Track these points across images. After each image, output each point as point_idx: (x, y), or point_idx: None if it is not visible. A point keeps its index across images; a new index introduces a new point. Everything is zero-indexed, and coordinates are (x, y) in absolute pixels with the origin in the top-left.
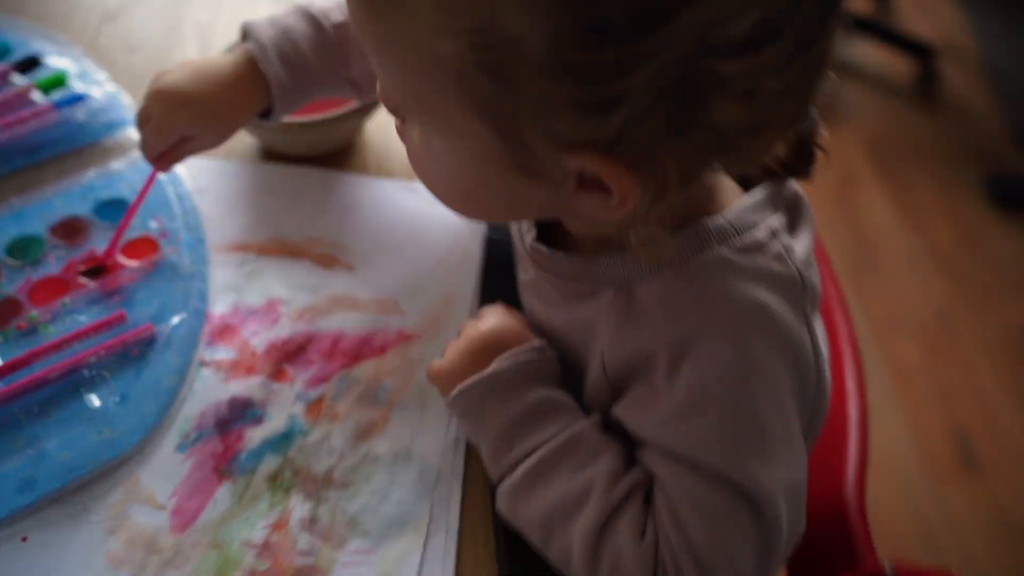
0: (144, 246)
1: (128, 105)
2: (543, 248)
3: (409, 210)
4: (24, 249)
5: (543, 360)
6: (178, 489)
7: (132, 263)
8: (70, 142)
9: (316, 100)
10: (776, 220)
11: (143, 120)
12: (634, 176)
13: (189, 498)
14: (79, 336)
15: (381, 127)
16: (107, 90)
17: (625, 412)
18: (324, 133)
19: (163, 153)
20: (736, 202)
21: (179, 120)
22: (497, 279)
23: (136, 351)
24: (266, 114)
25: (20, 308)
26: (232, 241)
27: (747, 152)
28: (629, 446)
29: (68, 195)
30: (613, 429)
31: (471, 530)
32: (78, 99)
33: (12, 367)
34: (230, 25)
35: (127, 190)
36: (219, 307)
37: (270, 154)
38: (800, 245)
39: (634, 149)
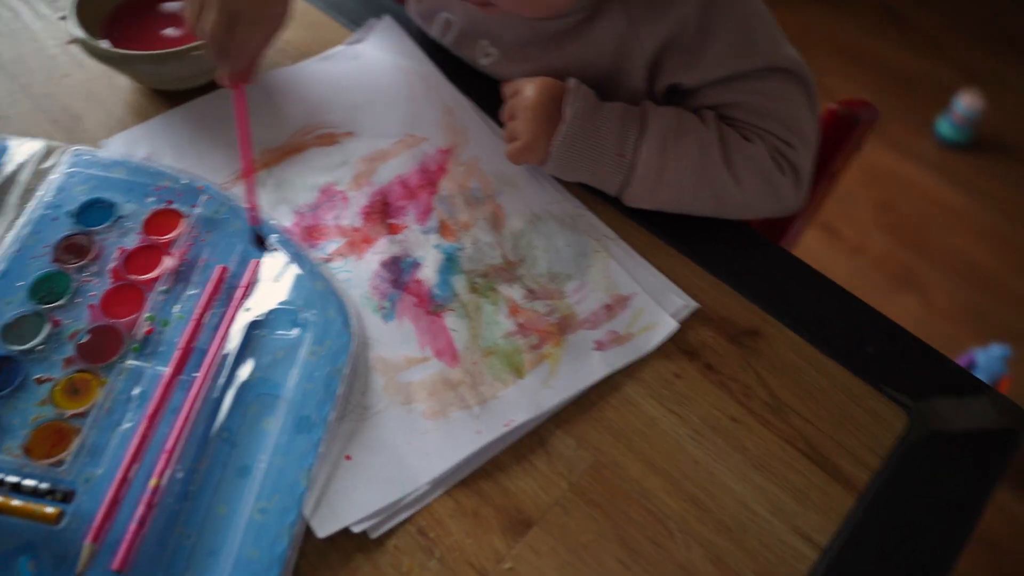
0: (167, 218)
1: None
2: None
3: (345, 71)
4: (52, 290)
5: (585, 87)
6: (422, 341)
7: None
8: None
9: None
10: None
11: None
12: None
13: (436, 340)
14: (205, 310)
15: None
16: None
17: (677, 75)
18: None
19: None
20: None
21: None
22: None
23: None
24: None
25: (115, 330)
26: (232, 173)
27: None
28: None
29: (38, 225)
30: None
31: (620, 229)
32: None
33: (178, 366)
34: None
35: (90, 191)
36: (284, 221)
37: (167, 96)
38: None
39: None
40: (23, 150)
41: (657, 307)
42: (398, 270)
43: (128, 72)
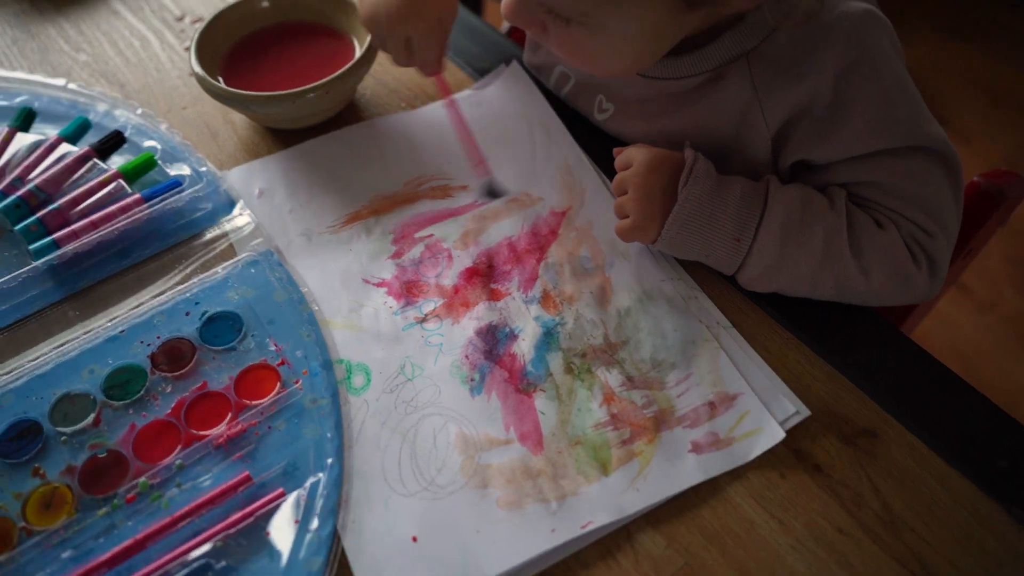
0: (263, 379)
1: (229, 189)
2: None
3: (467, 119)
4: (125, 385)
5: (704, 160)
6: (507, 421)
7: (253, 403)
8: (166, 238)
9: None
10: None
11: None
12: None
13: (522, 422)
14: (199, 509)
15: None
16: (201, 171)
17: (806, 150)
18: (335, 93)
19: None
20: None
21: (439, 25)
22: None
23: (268, 530)
24: None
25: (126, 466)
26: (341, 216)
27: None
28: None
29: (170, 311)
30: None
31: (734, 316)
32: (172, 186)
33: (125, 553)
34: None
35: (238, 300)
36: (384, 273)
37: (279, 134)
38: None
39: None
40: (237, 221)
41: (764, 411)
42: (493, 340)
43: (242, 110)
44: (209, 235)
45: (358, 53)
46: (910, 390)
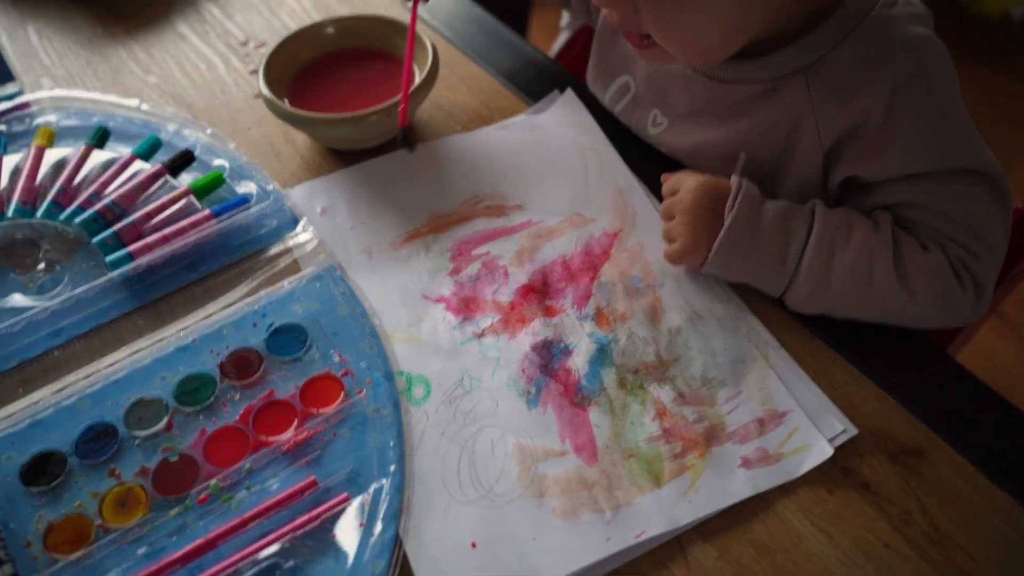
0: (328, 388)
1: (293, 206)
2: (723, 63)
3: (521, 142)
4: (195, 392)
5: (750, 186)
6: (562, 433)
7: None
8: (234, 253)
9: None
10: None
11: None
12: None
13: (577, 434)
14: (268, 511)
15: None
16: (268, 188)
17: (856, 167)
18: (395, 116)
19: None
20: None
21: None
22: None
23: (334, 532)
24: None
25: (197, 469)
26: (400, 234)
27: None
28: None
29: (238, 323)
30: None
31: (782, 336)
32: (239, 203)
33: (197, 551)
34: None
35: (302, 313)
36: (443, 289)
37: (339, 154)
38: None
39: None
40: (301, 237)
41: (813, 428)
42: (549, 355)
43: (307, 131)
44: (274, 250)
45: (418, 78)
46: (956, 411)
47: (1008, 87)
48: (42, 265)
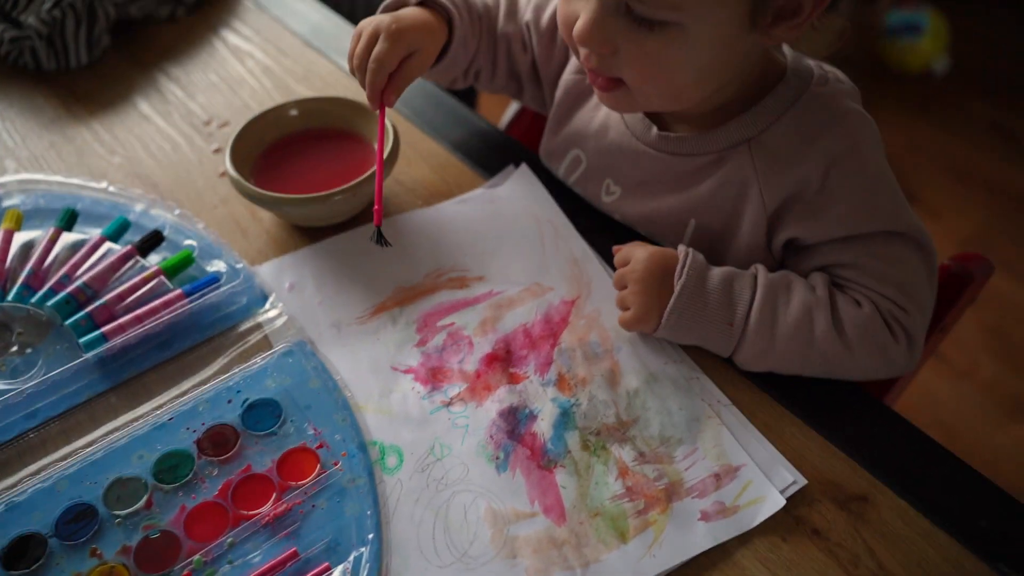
0: (304, 461)
1: (262, 283)
2: (671, 135)
3: (480, 215)
4: (174, 469)
5: (696, 254)
6: (531, 495)
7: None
8: (206, 330)
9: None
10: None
11: (359, 63)
12: None
13: (545, 496)
14: None
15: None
16: (237, 267)
17: (796, 229)
18: (360, 195)
19: (387, 85)
20: (789, 53)
21: (405, 39)
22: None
23: None
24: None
25: (179, 546)
26: (368, 307)
27: None
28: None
29: (213, 399)
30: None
31: (733, 393)
32: (210, 281)
33: None
34: None
35: (275, 388)
36: (411, 360)
37: (305, 230)
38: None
39: None
40: (270, 314)
41: (766, 481)
42: (515, 421)
43: (274, 210)
44: (244, 327)
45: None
46: (896, 457)
47: (933, 138)
48: (15, 348)
